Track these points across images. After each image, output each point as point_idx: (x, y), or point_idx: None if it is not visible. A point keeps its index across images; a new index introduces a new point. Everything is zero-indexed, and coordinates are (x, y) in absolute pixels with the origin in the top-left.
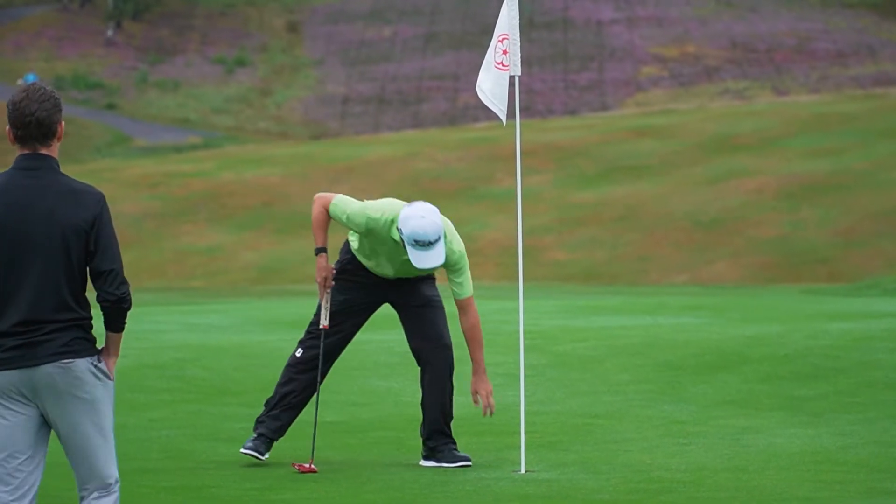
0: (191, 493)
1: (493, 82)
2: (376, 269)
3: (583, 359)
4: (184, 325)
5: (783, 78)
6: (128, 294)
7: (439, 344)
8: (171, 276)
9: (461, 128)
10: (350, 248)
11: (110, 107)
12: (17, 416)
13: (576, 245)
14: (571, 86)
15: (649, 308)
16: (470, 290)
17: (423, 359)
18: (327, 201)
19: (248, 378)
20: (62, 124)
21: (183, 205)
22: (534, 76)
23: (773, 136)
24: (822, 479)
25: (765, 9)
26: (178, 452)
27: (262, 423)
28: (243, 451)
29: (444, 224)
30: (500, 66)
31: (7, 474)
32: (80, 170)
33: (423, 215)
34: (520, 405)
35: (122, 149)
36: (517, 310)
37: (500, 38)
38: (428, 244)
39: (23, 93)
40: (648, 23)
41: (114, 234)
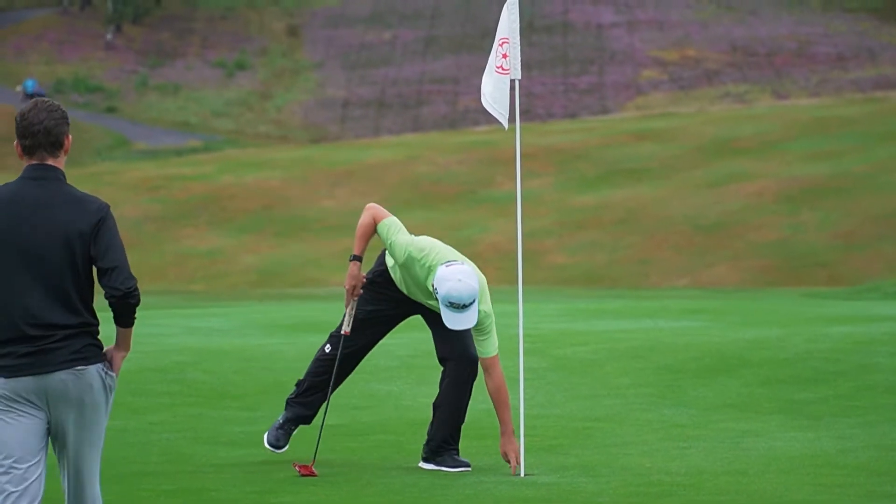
0: (191, 496)
1: (494, 86)
2: (405, 290)
3: (583, 362)
4: (184, 328)
5: (783, 81)
6: (134, 288)
7: (464, 356)
8: (172, 279)
9: (461, 131)
10: (385, 261)
11: (110, 110)
12: (28, 421)
13: (576, 248)
14: (571, 89)
15: (649, 311)
16: (494, 350)
17: (447, 367)
18: (379, 216)
19: (249, 381)
20: (69, 138)
21: (183, 208)
22: (534, 80)
23: (773, 140)
24: (822, 483)
25: (765, 12)
26: (179, 456)
27: (291, 407)
28: (266, 444)
29: (478, 282)
30: (500, 70)
31: (14, 483)
32: (80, 173)
33: (459, 279)
34: (520, 409)
35: (123, 152)
36: (517, 313)
37: (500, 41)
38: (462, 307)
39: (32, 105)
40: (648, 26)
41: (118, 236)
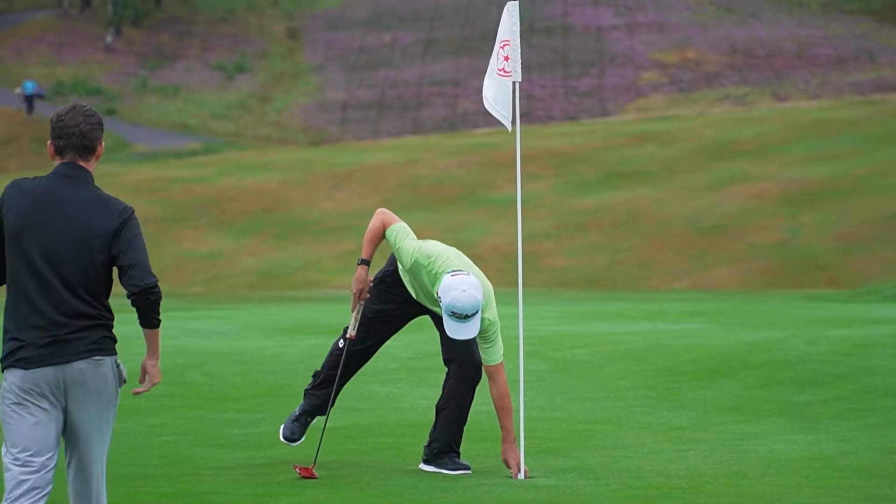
0: (191, 498)
1: (496, 89)
2: (413, 293)
3: (583, 365)
4: (184, 330)
5: (783, 84)
6: (154, 285)
7: (468, 360)
8: (172, 281)
9: (461, 134)
10: (395, 262)
11: (110, 112)
12: (44, 417)
13: (576, 251)
14: (571, 91)
15: (649, 314)
16: (499, 358)
17: (451, 369)
18: (389, 221)
19: (248, 384)
20: (102, 144)
21: (183, 210)
22: (534, 82)
23: (773, 142)
24: (822, 486)
25: (765, 15)
26: (179, 458)
27: (308, 397)
28: (281, 438)
29: (483, 291)
30: (502, 72)
31: (30, 475)
32: None
33: (464, 289)
34: (519, 411)
35: (122, 154)
36: (517, 316)
37: (501, 44)
38: (465, 317)
39: (70, 107)
40: (649, 28)
41: (140, 237)
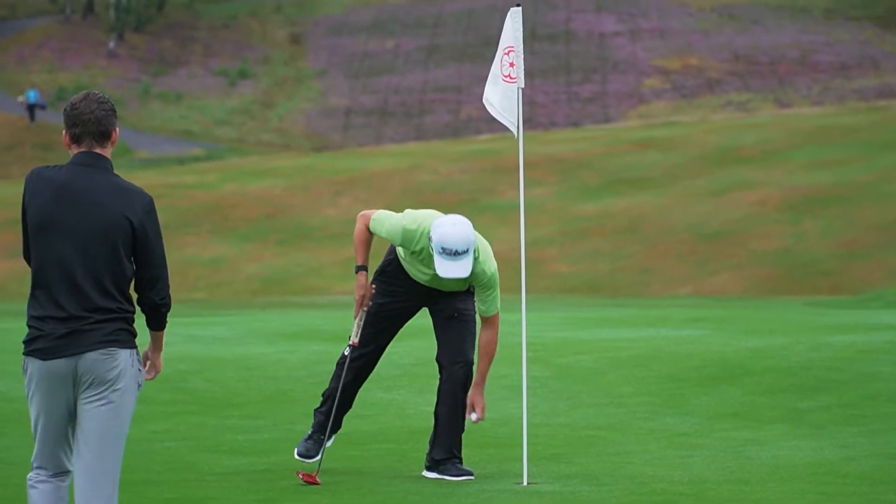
0: None
1: (502, 95)
2: (416, 276)
3: (585, 371)
4: (186, 336)
5: (786, 90)
6: (167, 299)
7: (459, 359)
8: (174, 287)
9: (464, 140)
10: (395, 249)
11: None
12: (61, 404)
13: (578, 257)
14: (574, 98)
15: (652, 320)
16: (496, 309)
17: (442, 371)
18: (368, 217)
19: (251, 390)
20: (116, 130)
21: (186, 216)
22: (536, 88)
23: (775, 149)
24: (825, 492)
25: (768, 21)
26: (181, 464)
27: (317, 416)
28: (296, 456)
29: (479, 244)
30: (507, 78)
31: (49, 458)
32: None
33: (454, 223)
34: (522, 417)
35: (125, 160)
36: (520, 322)
37: (505, 50)
38: (454, 254)
39: (83, 95)
40: (651, 35)
41: (160, 238)
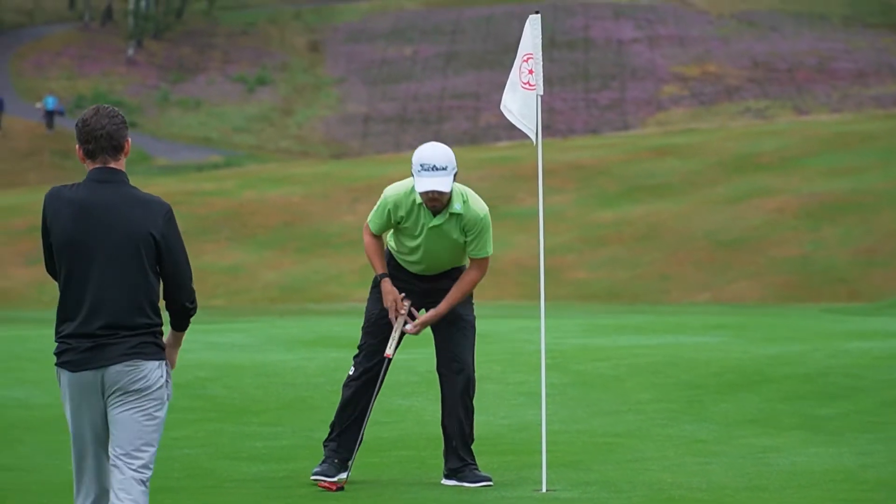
0: None
1: (522, 102)
2: (411, 261)
3: (604, 378)
4: (205, 343)
5: (804, 97)
6: (194, 303)
7: (458, 368)
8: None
9: (483, 147)
10: (390, 248)
11: (131, 125)
12: (89, 414)
13: (597, 264)
14: (593, 105)
15: (670, 327)
16: (488, 252)
17: (442, 381)
18: (367, 225)
19: (269, 397)
20: (129, 141)
21: (204, 223)
22: (555, 95)
23: (793, 156)
24: (843, 499)
25: (786, 28)
26: (200, 471)
27: (328, 446)
28: (313, 478)
29: (465, 190)
30: (526, 86)
31: (87, 468)
32: None
33: (433, 145)
34: (541, 424)
35: (144, 167)
36: (539, 329)
37: (524, 57)
38: (433, 168)
39: (93, 111)
40: (670, 42)
41: (182, 246)
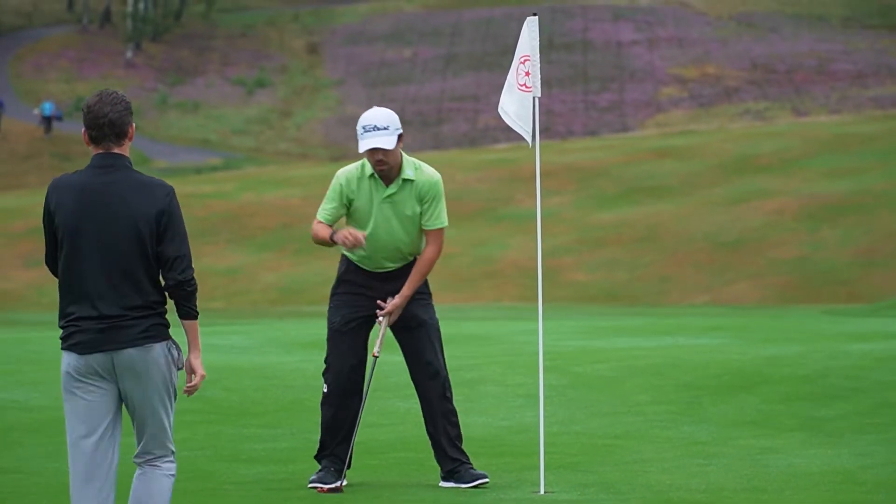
0: None
1: (518, 104)
2: (367, 255)
3: (603, 379)
4: (204, 345)
5: (803, 99)
6: (191, 277)
7: (431, 373)
8: None
9: (481, 149)
10: (344, 253)
11: None
12: (98, 394)
13: (596, 266)
14: (591, 107)
15: (669, 329)
16: (442, 223)
17: (418, 389)
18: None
19: (268, 399)
20: (133, 126)
21: (203, 226)
22: (554, 97)
23: (793, 157)
24: (842, 500)
25: (785, 30)
26: (199, 473)
27: (321, 462)
28: (310, 485)
29: (417, 161)
30: (523, 87)
31: (87, 456)
32: None
33: (376, 108)
34: (540, 426)
35: (143, 170)
36: (537, 331)
37: (521, 59)
38: (374, 129)
39: (96, 97)
40: (668, 44)
41: (182, 223)
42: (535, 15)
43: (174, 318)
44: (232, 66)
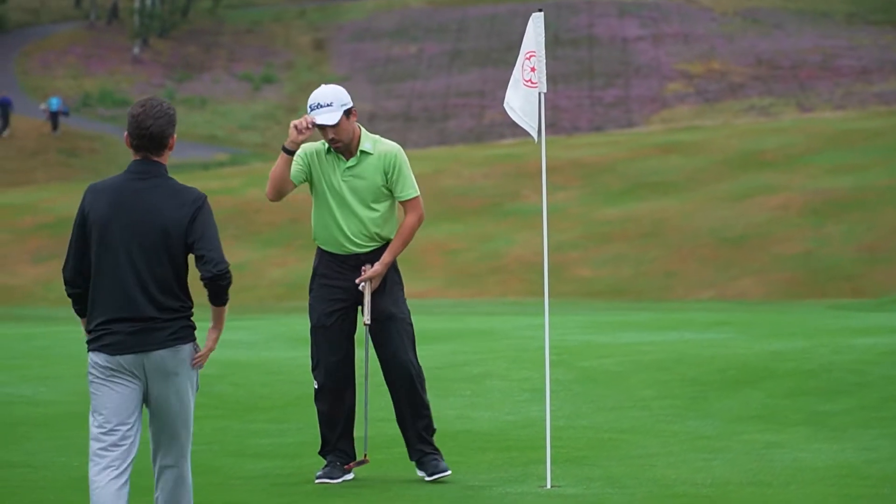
0: None
1: (524, 100)
2: (336, 236)
3: (608, 374)
4: None
5: (808, 94)
6: (225, 271)
7: (394, 365)
8: (199, 292)
9: (487, 144)
10: (318, 245)
11: None
12: (127, 389)
13: (602, 261)
14: (597, 102)
15: (675, 324)
16: (415, 191)
17: (387, 383)
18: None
19: (275, 394)
20: (174, 137)
21: None
22: (559, 93)
23: (797, 153)
24: (847, 494)
25: (790, 26)
26: (206, 468)
27: (327, 455)
28: (317, 481)
29: (375, 136)
30: (529, 83)
31: (113, 444)
32: None
33: (323, 86)
34: (546, 420)
35: None
36: (543, 325)
37: (527, 55)
38: (318, 106)
39: (141, 107)
40: (674, 39)
41: (212, 223)
42: (540, 11)
43: (199, 321)
44: (238, 62)
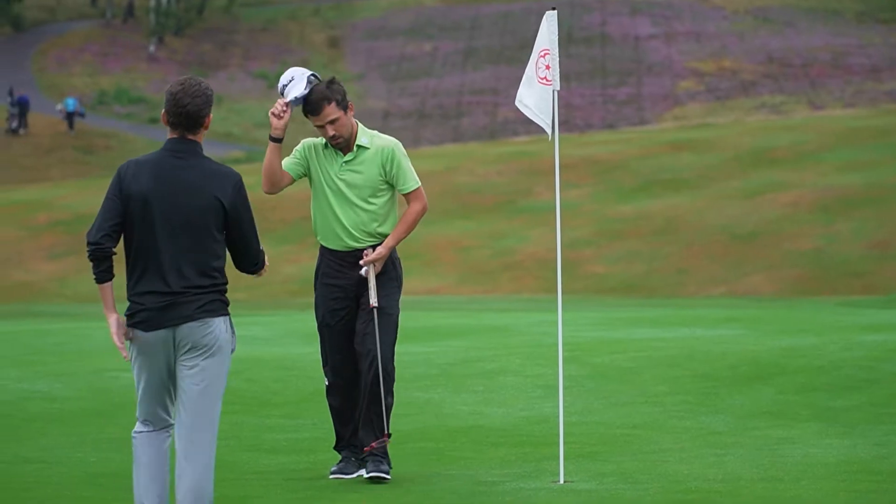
0: (233, 503)
1: (538, 97)
2: (337, 231)
3: (621, 370)
4: None
5: (818, 92)
6: (258, 264)
7: (367, 358)
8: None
9: (501, 142)
10: (317, 240)
11: (153, 121)
12: (163, 372)
13: (614, 258)
14: (610, 100)
15: (686, 320)
16: (416, 183)
17: (359, 369)
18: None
19: (289, 389)
20: (210, 117)
21: None
22: (572, 91)
23: (808, 150)
24: (858, 489)
25: (801, 24)
26: (221, 463)
27: (342, 450)
28: (331, 476)
29: (371, 130)
30: (543, 81)
31: (151, 409)
32: None
33: (291, 69)
34: (559, 416)
35: None
36: (556, 322)
37: (541, 53)
38: (283, 87)
39: (179, 86)
40: (686, 38)
41: (249, 212)
42: (553, 9)
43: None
44: (254, 59)
